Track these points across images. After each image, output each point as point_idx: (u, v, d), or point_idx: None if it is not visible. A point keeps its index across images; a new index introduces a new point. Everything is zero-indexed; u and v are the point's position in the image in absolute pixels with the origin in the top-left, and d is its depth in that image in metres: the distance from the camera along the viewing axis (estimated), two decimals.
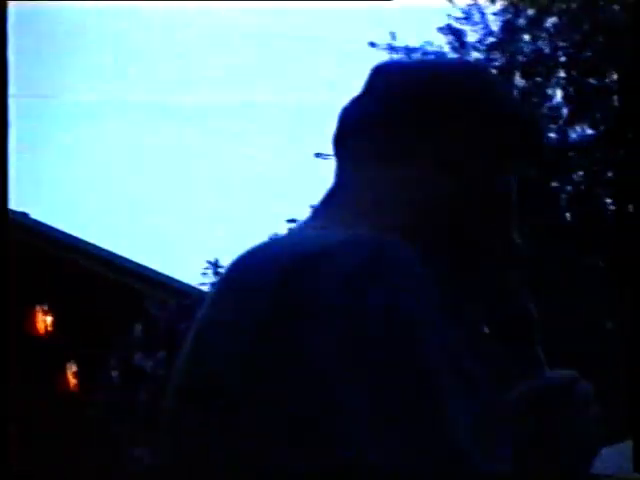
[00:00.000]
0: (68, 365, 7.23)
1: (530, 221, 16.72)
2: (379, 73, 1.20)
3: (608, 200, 19.92)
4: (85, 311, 6.97)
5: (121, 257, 6.67)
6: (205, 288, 11.60)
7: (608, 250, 17.39)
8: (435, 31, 13.91)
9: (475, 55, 15.19)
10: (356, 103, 1.19)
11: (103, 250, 6.64)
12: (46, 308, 7.01)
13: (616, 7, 15.11)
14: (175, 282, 6.73)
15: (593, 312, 16.37)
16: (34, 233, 6.21)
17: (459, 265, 1.16)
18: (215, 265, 20.42)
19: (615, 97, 15.95)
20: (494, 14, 14.81)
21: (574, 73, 15.76)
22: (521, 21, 15.39)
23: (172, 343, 5.86)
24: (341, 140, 1.17)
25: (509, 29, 15.35)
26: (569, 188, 20.30)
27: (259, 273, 1.01)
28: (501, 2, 14.61)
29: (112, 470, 5.81)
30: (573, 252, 17.30)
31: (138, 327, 5.86)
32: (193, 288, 6.95)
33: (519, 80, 15.84)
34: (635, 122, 14.98)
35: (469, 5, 14.59)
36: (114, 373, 5.74)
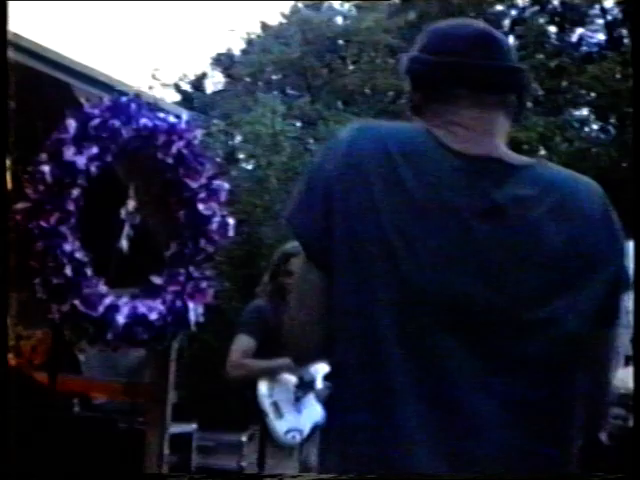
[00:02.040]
0: None
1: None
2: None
3: (552, 28, 19.83)
4: (19, 106, 6.85)
5: (56, 52, 6.51)
6: (145, 90, 11.43)
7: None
8: None
9: None
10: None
11: (39, 45, 6.47)
12: None
13: None
14: (110, 79, 6.61)
15: None
16: None
17: None
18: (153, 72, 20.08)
19: None
20: None
21: None
22: None
23: (104, 139, 5.82)
24: None
25: None
26: (513, 12, 20.14)
27: None
28: None
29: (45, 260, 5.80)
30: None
31: (71, 123, 5.78)
32: (129, 87, 6.83)
33: None
34: None
35: None
36: (45, 168, 5.69)
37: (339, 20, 20.72)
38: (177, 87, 23.30)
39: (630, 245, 2.07)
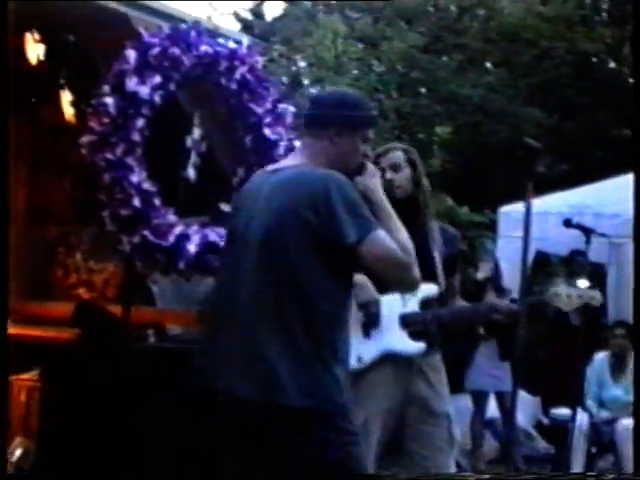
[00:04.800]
0: (62, 94, 7.14)
1: None
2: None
3: None
4: (77, 39, 6.81)
5: None
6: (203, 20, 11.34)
7: None
8: None
9: None
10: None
11: None
12: (37, 37, 6.85)
13: None
14: (168, 8, 6.54)
15: None
16: None
17: None
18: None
19: None
20: None
21: None
22: None
23: (166, 68, 5.76)
24: None
25: None
26: None
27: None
28: None
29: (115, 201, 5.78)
30: None
31: (131, 53, 5.72)
32: (188, 15, 6.76)
33: None
34: None
35: None
36: (108, 100, 5.65)
37: None
38: (236, 15, 23.12)
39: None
